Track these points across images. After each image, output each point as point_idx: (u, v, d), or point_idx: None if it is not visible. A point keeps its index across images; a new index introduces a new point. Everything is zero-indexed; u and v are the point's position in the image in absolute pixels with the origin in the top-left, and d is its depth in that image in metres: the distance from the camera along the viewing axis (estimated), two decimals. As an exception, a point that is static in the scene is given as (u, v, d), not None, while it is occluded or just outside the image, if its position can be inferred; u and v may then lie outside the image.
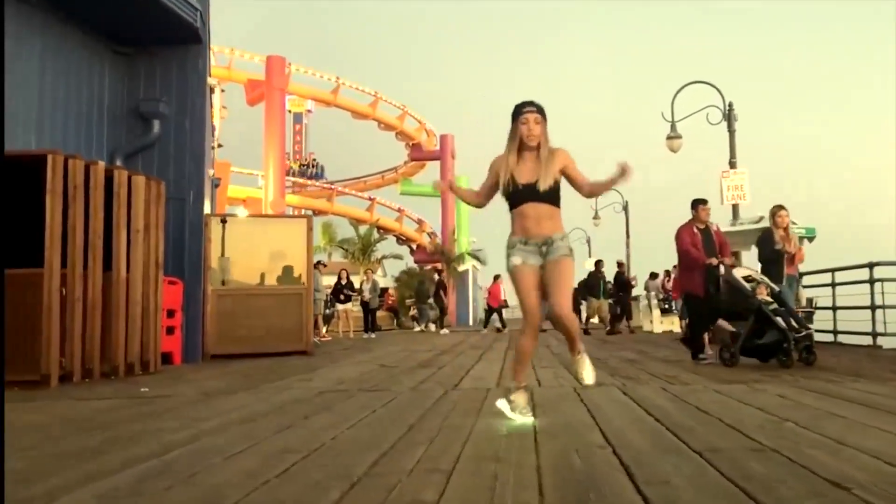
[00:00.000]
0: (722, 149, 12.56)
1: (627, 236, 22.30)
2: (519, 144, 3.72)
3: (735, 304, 6.92)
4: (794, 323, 6.60)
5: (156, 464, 2.88)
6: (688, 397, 4.57)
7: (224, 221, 11.18)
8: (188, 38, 9.97)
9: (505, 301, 19.61)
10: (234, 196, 27.80)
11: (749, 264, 8.75)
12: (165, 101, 10.06)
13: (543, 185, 3.64)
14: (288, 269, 11.37)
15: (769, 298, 6.83)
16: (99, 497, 2.37)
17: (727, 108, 12.59)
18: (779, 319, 6.56)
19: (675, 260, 12.72)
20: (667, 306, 15.53)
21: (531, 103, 3.74)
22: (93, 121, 9.76)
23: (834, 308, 11.00)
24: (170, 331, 9.40)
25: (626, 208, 22.77)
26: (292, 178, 34.33)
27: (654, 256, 15.56)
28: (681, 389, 5.08)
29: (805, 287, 9.75)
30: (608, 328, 16.43)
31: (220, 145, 34.85)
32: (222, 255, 10.99)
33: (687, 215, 8.04)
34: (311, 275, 11.47)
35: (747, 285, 6.92)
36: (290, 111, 44.26)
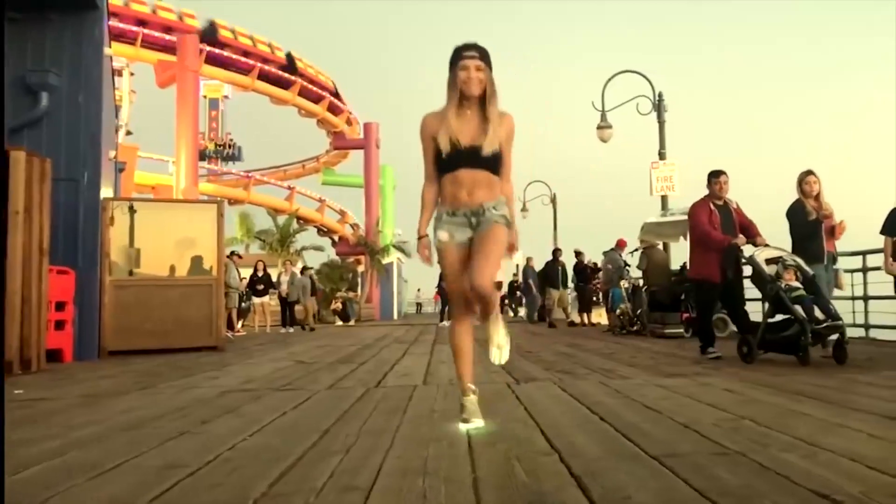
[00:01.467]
0: (653, 140, 12.49)
1: (555, 228, 22.27)
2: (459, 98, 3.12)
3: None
4: (818, 313, 5.67)
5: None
6: (631, 393, 4.23)
7: (132, 209, 10.28)
8: (82, 4, 9.07)
9: None
10: (142, 183, 26.34)
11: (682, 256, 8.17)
12: (56, 73, 9.11)
13: (488, 149, 3.07)
14: (197, 259, 10.57)
15: (796, 283, 5.89)
16: None
17: (657, 98, 12.53)
18: (797, 308, 5.69)
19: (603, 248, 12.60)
20: (595, 298, 15.40)
21: (473, 46, 3.12)
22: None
23: (865, 298, 9.09)
24: (59, 325, 8.49)
25: (553, 200, 22.71)
26: (207, 165, 32.89)
27: (584, 247, 15.32)
28: (622, 384, 4.74)
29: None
30: (569, 320, 16.17)
31: (129, 132, 33.04)
32: (131, 244, 10.12)
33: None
34: (221, 265, 10.71)
35: (768, 268, 6.05)
36: (205, 97, 42.65)
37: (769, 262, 6.11)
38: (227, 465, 2.56)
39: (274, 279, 18.13)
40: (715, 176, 6.78)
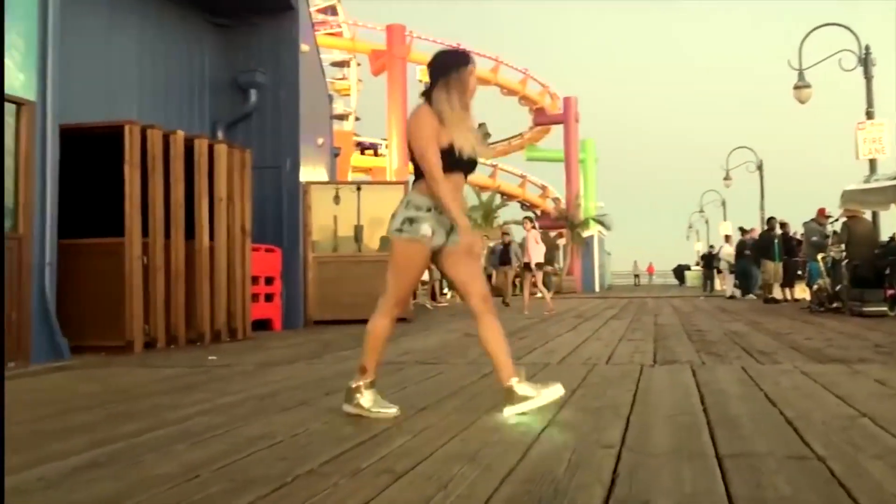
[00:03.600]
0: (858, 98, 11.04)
1: (762, 196, 20.44)
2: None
3: None
4: None
5: (106, 452, 2.67)
6: (764, 381, 3.90)
7: (337, 193, 11.14)
8: (279, 6, 9.96)
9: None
10: (358, 165, 28.34)
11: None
12: (262, 71, 10.14)
13: (477, 158, 3.22)
14: (386, 236, 11.27)
15: None
16: (13, 490, 2.21)
17: (864, 51, 11.00)
18: None
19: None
20: (800, 272, 13.93)
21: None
22: (195, 93, 10.02)
23: None
24: (268, 298, 9.60)
25: (760, 167, 20.83)
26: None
27: (790, 217, 13.88)
28: (763, 370, 4.38)
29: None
30: (770, 294, 14.88)
31: (357, 118, 35.61)
32: (335, 223, 10.99)
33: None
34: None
35: None
36: (420, 81, 44.22)
37: None
38: (304, 440, 2.79)
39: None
40: None
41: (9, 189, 5.68)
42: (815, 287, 11.05)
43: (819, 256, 10.91)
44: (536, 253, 12.50)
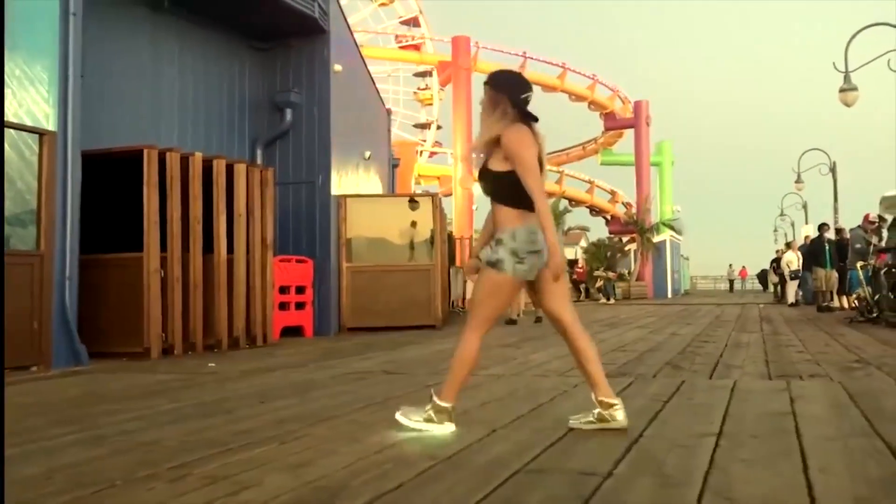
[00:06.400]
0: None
1: (835, 199, 19.46)
2: None
3: None
4: None
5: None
6: (748, 396, 3.94)
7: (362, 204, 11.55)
8: (311, 30, 10.47)
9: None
10: (426, 174, 28.85)
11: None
12: (297, 91, 10.69)
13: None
14: (417, 246, 11.61)
15: None
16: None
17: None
18: None
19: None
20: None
21: None
22: (234, 114, 10.67)
23: None
24: (299, 306, 10.13)
25: (833, 170, 19.85)
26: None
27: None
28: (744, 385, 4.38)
29: None
30: (823, 303, 14.42)
31: (439, 126, 36.15)
32: (363, 234, 11.40)
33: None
34: (438, 251, 11.60)
35: None
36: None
37: None
38: (175, 444, 3.12)
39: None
40: None
41: (32, 210, 6.36)
42: (854, 296, 10.58)
43: (859, 264, 10.45)
44: None
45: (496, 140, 3.21)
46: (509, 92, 3.24)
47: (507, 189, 3.18)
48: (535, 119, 3.26)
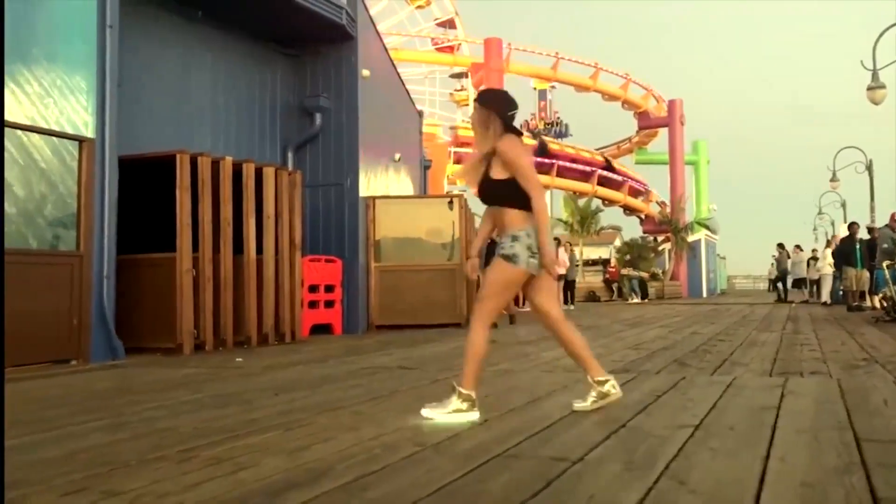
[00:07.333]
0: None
1: (872, 198, 19.10)
2: None
3: None
4: None
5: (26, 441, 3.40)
6: (741, 393, 4.08)
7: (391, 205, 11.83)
8: (339, 36, 10.77)
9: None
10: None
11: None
12: (325, 96, 11.02)
13: None
14: (442, 247, 11.84)
15: None
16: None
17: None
18: None
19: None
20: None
21: None
22: (266, 119, 11.03)
23: None
24: (328, 304, 10.46)
25: (869, 168, 19.48)
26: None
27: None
28: (738, 381, 4.51)
29: None
30: (854, 302, 14.19)
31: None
32: (390, 235, 11.67)
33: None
34: (463, 251, 11.80)
35: None
36: (535, 88, 44.46)
37: None
38: (157, 439, 3.39)
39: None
40: None
41: (73, 214, 6.76)
42: (881, 295, 10.48)
43: (885, 264, 10.35)
44: None
45: (493, 151, 3.54)
46: (497, 109, 3.59)
47: (511, 193, 3.50)
48: (520, 133, 3.66)
